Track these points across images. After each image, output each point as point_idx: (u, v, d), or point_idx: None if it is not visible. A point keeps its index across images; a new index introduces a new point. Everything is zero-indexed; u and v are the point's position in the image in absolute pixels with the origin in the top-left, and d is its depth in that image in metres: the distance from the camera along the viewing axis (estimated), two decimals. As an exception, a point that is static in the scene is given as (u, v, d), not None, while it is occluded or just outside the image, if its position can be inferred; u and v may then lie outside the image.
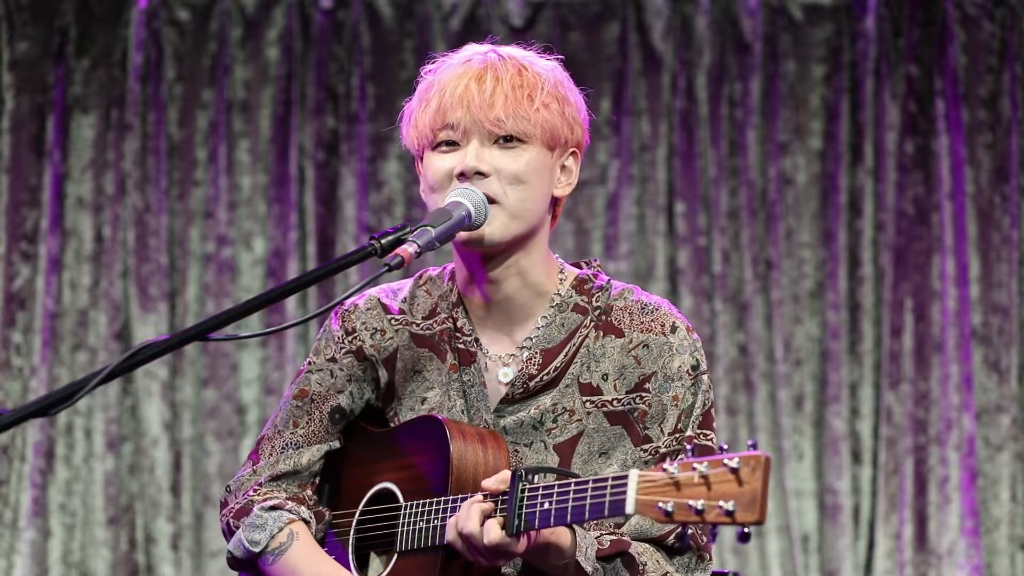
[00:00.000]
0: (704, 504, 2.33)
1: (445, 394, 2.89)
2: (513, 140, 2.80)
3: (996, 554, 6.10)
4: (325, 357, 2.96)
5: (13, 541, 6.10)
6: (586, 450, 2.83)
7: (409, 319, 2.94)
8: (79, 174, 6.25)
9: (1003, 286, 6.17)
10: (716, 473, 2.34)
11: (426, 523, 2.75)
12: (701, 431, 2.84)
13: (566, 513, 2.53)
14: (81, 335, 6.19)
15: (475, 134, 2.80)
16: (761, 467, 2.31)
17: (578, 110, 2.88)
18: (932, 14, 6.24)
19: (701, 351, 2.87)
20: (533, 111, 2.79)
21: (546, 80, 2.83)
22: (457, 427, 2.79)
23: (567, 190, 2.89)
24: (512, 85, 2.80)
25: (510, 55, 2.85)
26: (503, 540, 2.59)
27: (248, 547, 2.89)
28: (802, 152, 6.28)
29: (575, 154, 2.89)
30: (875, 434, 6.18)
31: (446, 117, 2.81)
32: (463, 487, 2.74)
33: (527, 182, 2.80)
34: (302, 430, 2.95)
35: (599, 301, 2.87)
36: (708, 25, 6.28)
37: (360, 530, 2.91)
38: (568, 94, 2.86)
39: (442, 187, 2.81)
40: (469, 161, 2.78)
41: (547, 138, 2.82)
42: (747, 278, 6.22)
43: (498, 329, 2.89)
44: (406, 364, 2.92)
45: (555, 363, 2.84)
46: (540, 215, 2.84)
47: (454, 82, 2.82)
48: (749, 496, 2.30)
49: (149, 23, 6.25)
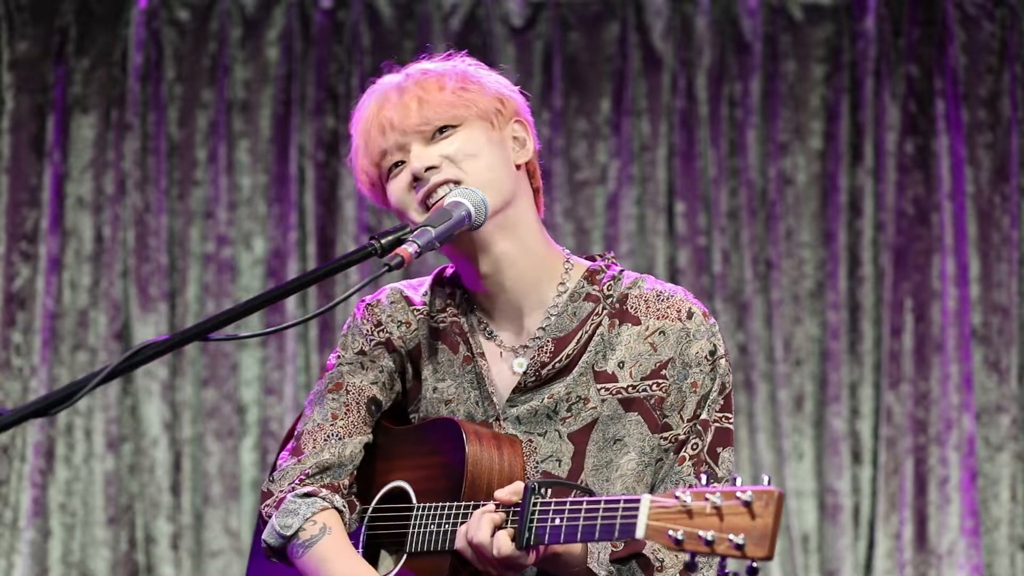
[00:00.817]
0: (715, 535, 2.33)
1: (459, 386, 2.90)
2: (447, 128, 2.84)
3: (996, 554, 6.11)
4: (354, 351, 2.97)
5: (13, 541, 6.10)
6: (600, 437, 2.83)
7: (428, 311, 2.96)
8: (79, 174, 6.25)
9: (1003, 286, 6.17)
10: (729, 505, 2.33)
11: (437, 527, 2.75)
12: (722, 415, 2.85)
13: (576, 531, 2.53)
14: (81, 335, 6.19)
15: (412, 143, 2.84)
16: (774, 502, 2.30)
17: (499, 84, 2.91)
18: (932, 14, 6.24)
19: (719, 335, 2.87)
20: (447, 97, 2.83)
21: (450, 71, 2.88)
22: (474, 431, 2.80)
23: (528, 156, 2.91)
24: (419, 86, 2.85)
25: (409, 69, 2.91)
26: (513, 553, 2.59)
27: (279, 531, 2.86)
28: (802, 152, 6.28)
29: (520, 123, 2.91)
30: (875, 434, 6.18)
31: (379, 147, 2.86)
32: (476, 492, 2.74)
33: (479, 152, 2.83)
34: (341, 422, 2.94)
35: (611, 290, 2.88)
36: (708, 25, 6.28)
37: (372, 526, 2.91)
38: (480, 77, 2.90)
39: (408, 203, 2.85)
40: (414, 164, 2.82)
41: (478, 113, 2.85)
42: (747, 278, 6.22)
43: (509, 320, 2.90)
44: (427, 355, 2.94)
45: (567, 351, 2.85)
46: (509, 184, 2.85)
47: (369, 117, 2.88)
48: (760, 531, 2.30)
49: (149, 23, 6.25)
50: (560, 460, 2.83)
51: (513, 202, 2.85)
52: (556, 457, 2.83)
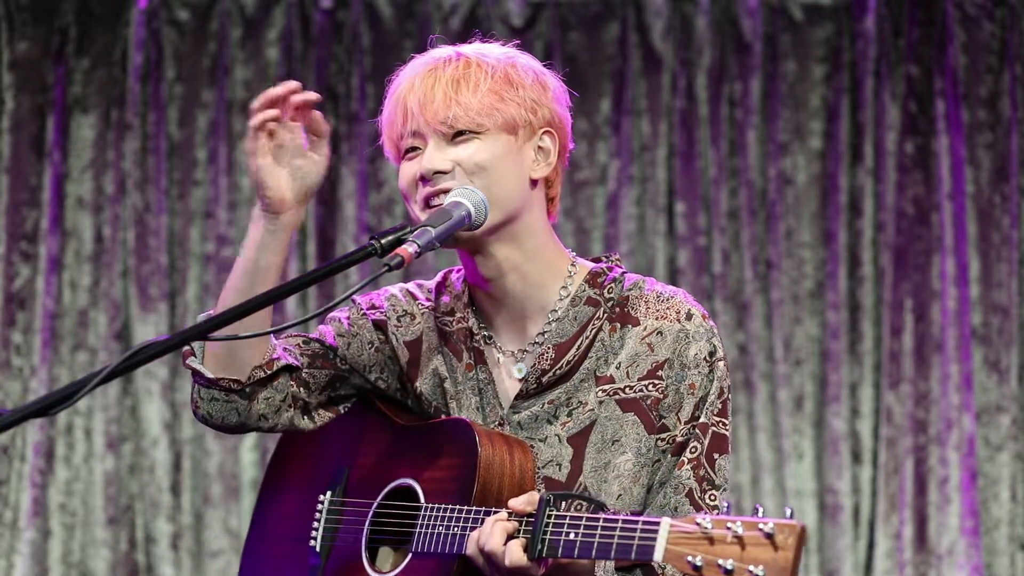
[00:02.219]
0: (735, 564, 2.30)
1: (462, 392, 2.89)
2: (466, 133, 2.79)
3: (996, 554, 6.10)
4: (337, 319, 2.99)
5: (13, 541, 6.10)
6: (599, 439, 2.82)
7: (435, 308, 2.95)
8: (79, 174, 6.25)
9: (1003, 286, 6.17)
10: (750, 536, 2.30)
11: (445, 529, 2.73)
12: (720, 419, 2.83)
13: (592, 548, 2.50)
14: (81, 335, 6.19)
15: (430, 135, 2.80)
16: (796, 535, 2.28)
17: (541, 90, 2.85)
18: (932, 14, 6.24)
19: (718, 337, 2.85)
20: (476, 102, 2.77)
21: (494, 68, 2.80)
22: (487, 434, 2.78)
23: (546, 171, 2.87)
24: (452, 80, 2.79)
25: (461, 52, 2.83)
26: (524, 563, 2.58)
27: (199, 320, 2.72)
28: (802, 152, 6.28)
29: (549, 134, 2.86)
30: (875, 434, 6.18)
31: (396, 126, 2.83)
32: (487, 496, 2.72)
33: (489, 168, 2.78)
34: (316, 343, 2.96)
35: (612, 293, 2.86)
36: (708, 25, 6.28)
37: (376, 522, 2.89)
38: (522, 77, 2.83)
39: (410, 193, 2.83)
40: (424, 164, 2.79)
41: (502, 124, 2.79)
42: (747, 278, 6.22)
43: (511, 325, 2.89)
44: (429, 350, 2.93)
45: (567, 357, 2.83)
46: (517, 200, 2.82)
47: (403, 89, 2.83)
48: (781, 564, 2.27)
49: (149, 23, 6.25)
50: (560, 464, 2.82)
51: (519, 216, 2.82)
52: (556, 462, 2.82)
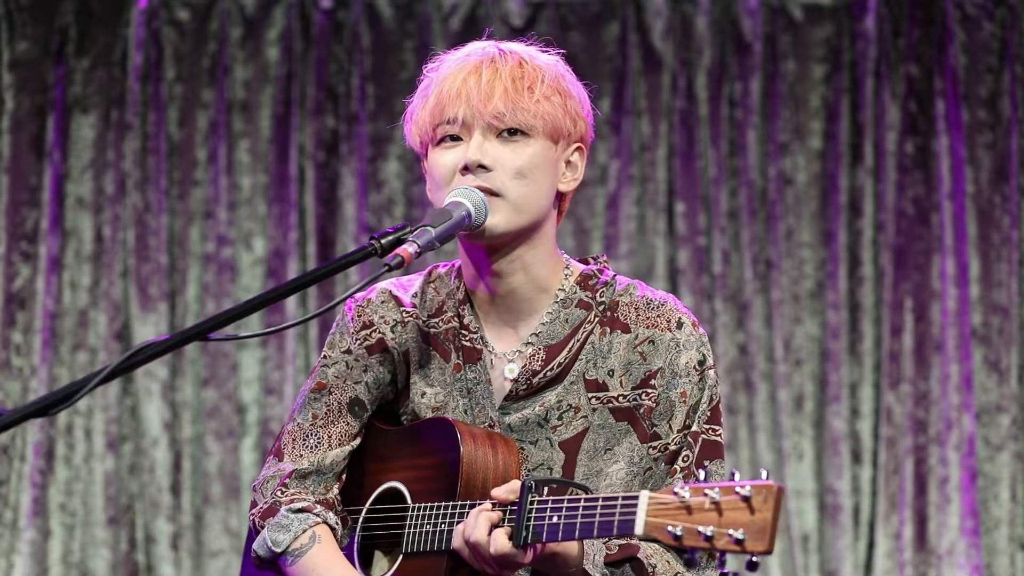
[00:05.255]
0: (714, 531, 2.33)
1: (448, 394, 2.88)
2: (516, 133, 2.78)
3: (996, 554, 6.11)
4: (340, 350, 2.95)
5: (13, 541, 6.10)
6: (592, 447, 2.82)
7: (418, 314, 2.93)
8: (79, 174, 6.25)
9: (1003, 286, 6.17)
10: (728, 500, 2.33)
11: (433, 526, 2.74)
12: (710, 426, 2.83)
13: (574, 529, 2.52)
14: (81, 335, 6.19)
15: (476, 128, 2.78)
16: (773, 497, 2.31)
17: (581, 104, 2.85)
18: (932, 14, 6.24)
19: (708, 346, 2.85)
20: (533, 103, 2.78)
21: (547, 72, 2.81)
22: (468, 430, 2.78)
23: (572, 186, 2.87)
24: (511, 77, 2.79)
25: (510, 49, 2.84)
26: (510, 550, 2.58)
27: (271, 547, 2.86)
28: (802, 152, 6.28)
29: (580, 149, 2.87)
30: (875, 434, 6.18)
31: (445, 112, 2.79)
32: (472, 492, 2.73)
33: (529, 176, 2.78)
34: (322, 422, 2.92)
35: (603, 297, 2.86)
36: (708, 25, 6.28)
37: (367, 527, 2.90)
38: (570, 88, 2.84)
39: (447, 182, 2.79)
40: (471, 154, 2.76)
41: (549, 131, 2.80)
42: (747, 278, 6.22)
43: (503, 325, 2.88)
44: (417, 359, 2.92)
45: (559, 359, 2.83)
46: (544, 209, 2.82)
47: (453, 77, 2.80)
48: (760, 525, 2.30)
49: (149, 23, 6.25)
50: (551, 469, 2.82)
51: (541, 224, 2.83)
52: (547, 466, 2.82)
